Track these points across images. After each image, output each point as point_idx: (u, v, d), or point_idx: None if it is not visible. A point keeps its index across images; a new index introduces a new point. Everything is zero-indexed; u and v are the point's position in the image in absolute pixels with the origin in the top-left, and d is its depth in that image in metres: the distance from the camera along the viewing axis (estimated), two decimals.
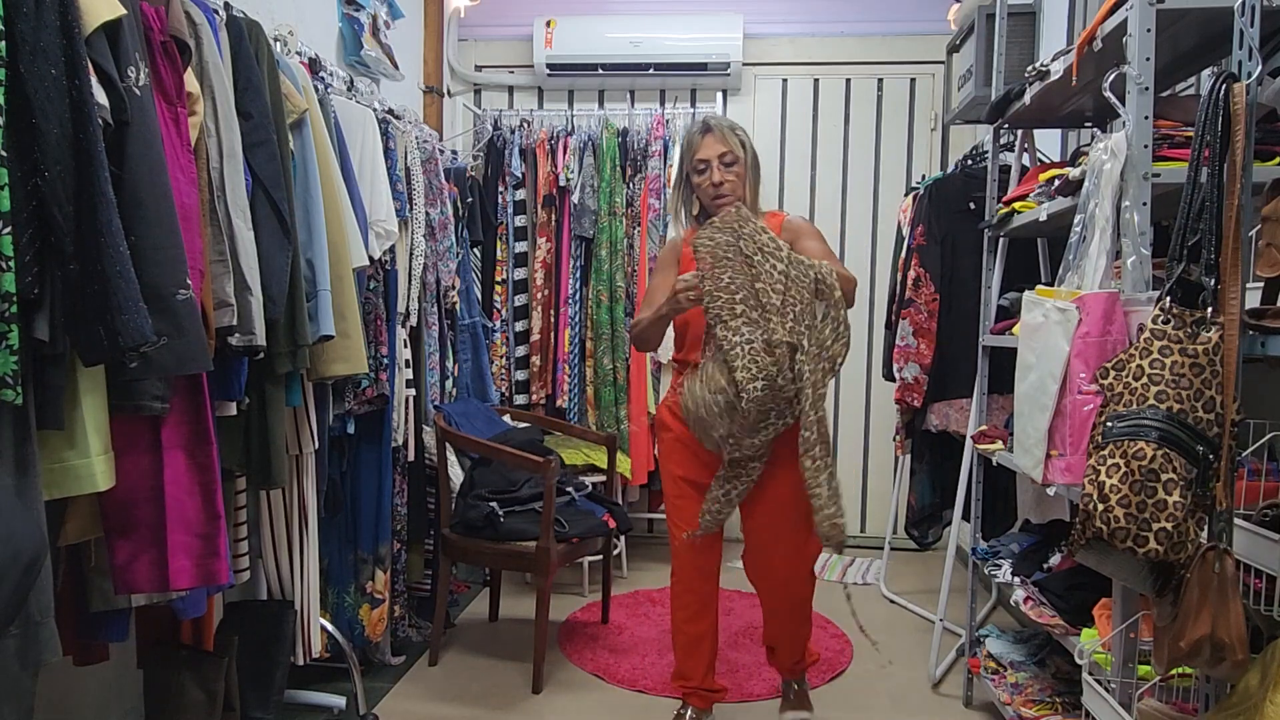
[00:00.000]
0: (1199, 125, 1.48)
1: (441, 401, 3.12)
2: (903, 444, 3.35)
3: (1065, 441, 1.74)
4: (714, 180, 2.21)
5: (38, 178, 1.27)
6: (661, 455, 2.38)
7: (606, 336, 3.97)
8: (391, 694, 2.68)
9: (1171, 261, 1.51)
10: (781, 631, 2.36)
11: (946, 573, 2.90)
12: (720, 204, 2.21)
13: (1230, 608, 1.38)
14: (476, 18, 4.34)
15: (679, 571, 2.31)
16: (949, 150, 4.28)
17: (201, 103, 1.71)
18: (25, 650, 1.34)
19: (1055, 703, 2.25)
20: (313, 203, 2.07)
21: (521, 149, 4.05)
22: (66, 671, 1.95)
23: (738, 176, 2.23)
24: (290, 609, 2.26)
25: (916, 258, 3.11)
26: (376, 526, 2.72)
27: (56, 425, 1.38)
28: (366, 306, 2.52)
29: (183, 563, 1.61)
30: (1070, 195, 1.96)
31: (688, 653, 2.33)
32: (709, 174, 2.22)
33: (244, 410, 1.93)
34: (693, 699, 2.34)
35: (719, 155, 2.21)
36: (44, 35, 1.27)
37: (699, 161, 2.24)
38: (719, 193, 2.22)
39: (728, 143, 2.22)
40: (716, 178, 2.21)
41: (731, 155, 2.22)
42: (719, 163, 2.21)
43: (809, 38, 4.34)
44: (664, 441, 2.36)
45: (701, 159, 2.23)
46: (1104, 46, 1.84)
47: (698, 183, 2.25)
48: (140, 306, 1.36)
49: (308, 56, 2.40)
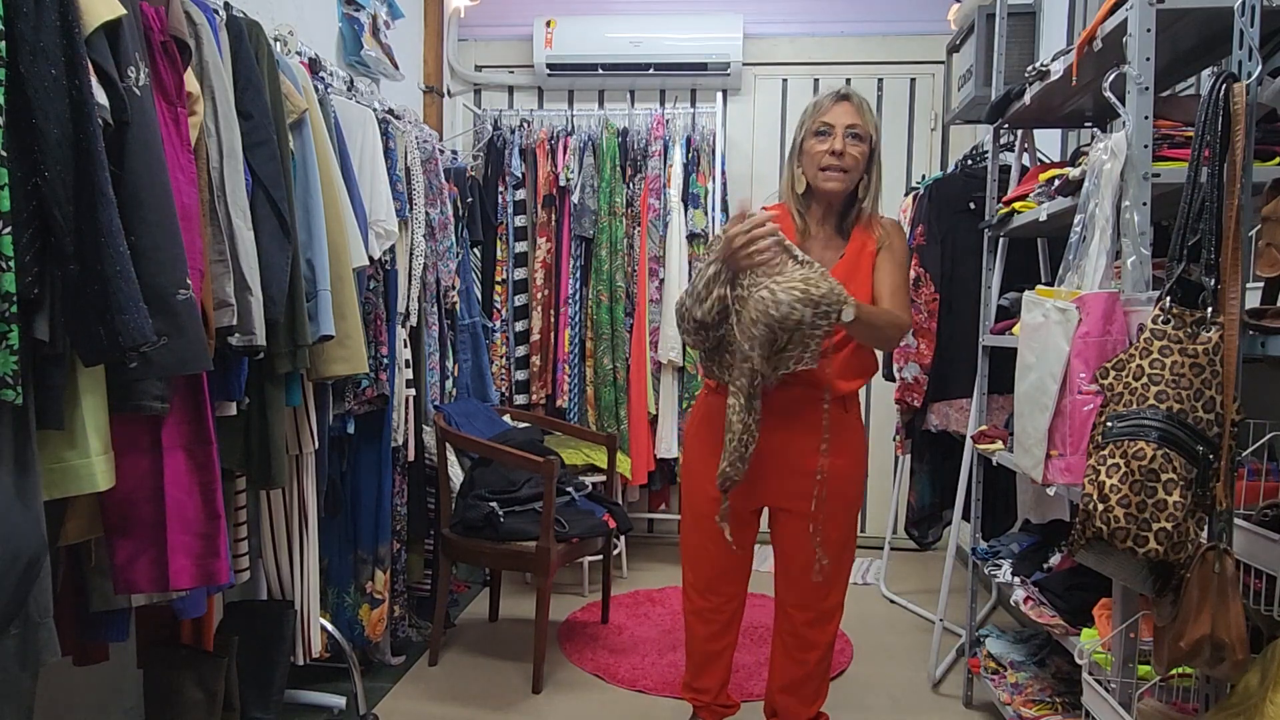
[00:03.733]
0: (1199, 125, 1.48)
1: (441, 401, 3.12)
2: (903, 444, 3.35)
3: (1065, 441, 1.73)
4: (835, 149, 1.92)
5: (38, 178, 1.27)
6: (697, 464, 2.11)
7: (606, 336, 3.97)
8: (391, 694, 2.68)
9: (1171, 261, 1.51)
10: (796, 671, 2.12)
11: (946, 573, 2.90)
12: (830, 182, 1.95)
13: (1230, 608, 1.38)
14: (476, 18, 4.34)
15: (702, 579, 2.12)
16: (949, 150, 4.28)
17: (201, 103, 1.71)
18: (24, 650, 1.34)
19: (1055, 703, 2.25)
20: (313, 203, 2.07)
21: (521, 149, 4.05)
22: (66, 671, 1.95)
23: (860, 155, 1.94)
24: (290, 609, 2.26)
25: (916, 258, 3.11)
26: (376, 526, 2.72)
27: (56, 425, 1.38)
28: (366, 306, 2.52)
29: (183, 562, 1.61)
30: (1070, 195, 1.96)
31: (704, 669, 2.19)
32: (831, 140, 1.92)
33: (244, 410, 1.93)
34: (704, 713, 2.24)
35: (848, 125, 1.93)
36: (44, 35, 1.26)
37: (822, 123, 1.94)
38: (835, 164, 1.93)
39: (862, 117, 1.94)
40: (839, 145, 1.92)
41: (863, 129, 1.94)
42: (844, 131, 1.93)
43: (809, 38, 4.34)
44: (699, 452, 2.10)
45: (826, 121, 1.94)
46: (1104, 46, 1.84)
47: (811, 148, 1.95)
48: (140, 306, 1.36)
49: (308, 56, 2.40)
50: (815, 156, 1.96)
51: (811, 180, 1.99)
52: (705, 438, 2.07)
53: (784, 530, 2.08)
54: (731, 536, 1.96)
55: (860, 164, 1.97)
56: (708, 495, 2.01)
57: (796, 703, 2.16)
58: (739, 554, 2.10)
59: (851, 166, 1.96)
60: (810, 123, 1.98)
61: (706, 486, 2.00)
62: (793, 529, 2.04)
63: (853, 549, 2.13)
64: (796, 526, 2.03)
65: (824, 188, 1.97)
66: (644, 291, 3.94)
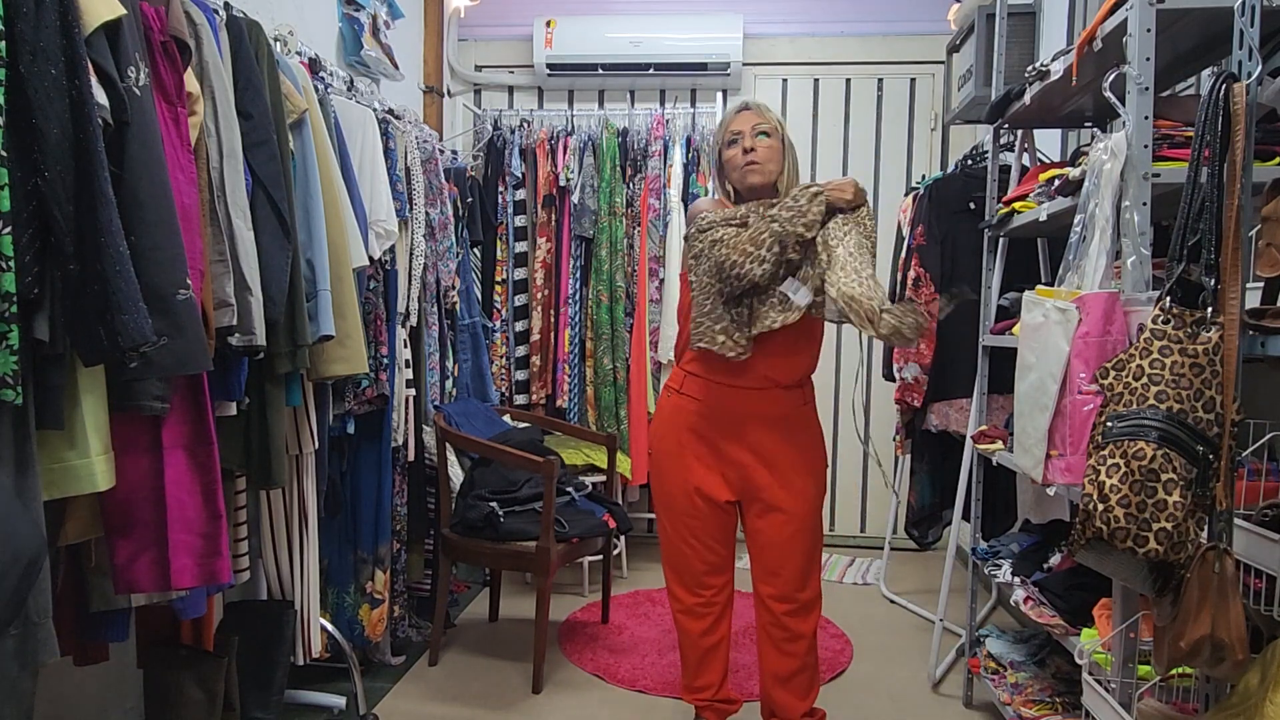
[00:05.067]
0: (1199, 125, 1.48)
1: (441, 401, 3.12)
2: (903, 444, 3.35)
3: (1065, 441, 1.73)
4: (745, 147, 2.09)
5: (38, 178, 1.27)
6: (665, 462, 2.20)
7: (606, 336, 3.97)
8: (391, 694, 2.68)
9: (1171, 261, 1.51)
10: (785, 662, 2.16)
11: (946, 573, 2.90)
12: (751, 176, 2.09)
13: (1230, 608, 1.38)
14: (476, 18, 4.34)
15: (688, 576, 2.18)
16: (949, 150, 4.27)
17: (201, 103, 1.71)
18: (24, 651, 1.34)
19: (1055, 703, 2.25)
20: (313, 203, 2.07)
21: (521, 149, 4.05)
22: (66, 671, 1.96)
23: (770, 149, 2.10)
24: (290, 609, 2.26)
25: (916, 258, 3.11)
26: (376, 526, 2.72)
27: (56, 425, 1.38)
28: (366, 306, 2.52)
29: (184, 562, 1.61)
30: (1070, 195, 1.96)
31: (702, 666, 2.22)
32: (740, 143, 2.10)
33: (244, 410, 1.93)
34: (707, 712, 2.26)
35: (752, 126, 2.10)
36: (44, 35, 1.27)
37: (731, 133, 2.12)
38: (749, 160, 2.08)
39: (763, 115, 2.12)
40: (748, 144, 2.08)
41: (767, 125, 2.10)
42: (751, 132, 2.09)
43: (809, 38, 4.34)
44: (668, 451, 2.18)
45: (734, 130, 2.12)
46: (1104, 46, 1.84)
47: (728, 157, 2.13)
48: (140, 306, 1.36)
49: (308, 56, 2.40)
50: (733, 161, 2.12)
51: (737, 184, 2.14)
52: (670, 437, 2.17)
53: (757, 523, 2.15)
54: (713, 529, 2.15)
55: (775, 155, 2.11)
56: (681, 492, 2.15)
57: (791, 696, 2.18)
58: (720, 548, 2.19)
59: (766, 159, 2.10)
60: (723, 135, 2.16)
61: (678, 484, 2.15)
62: (765, 520, 2.13)
63: (820, 540, 2.19)
64: (769, 518, 2.12)
65: (748, 183, 2.11)
66: (644, 291, 3.94)
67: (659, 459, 2.21)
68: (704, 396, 2.11)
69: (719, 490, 2.13)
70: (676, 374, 2.19)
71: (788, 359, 2.08)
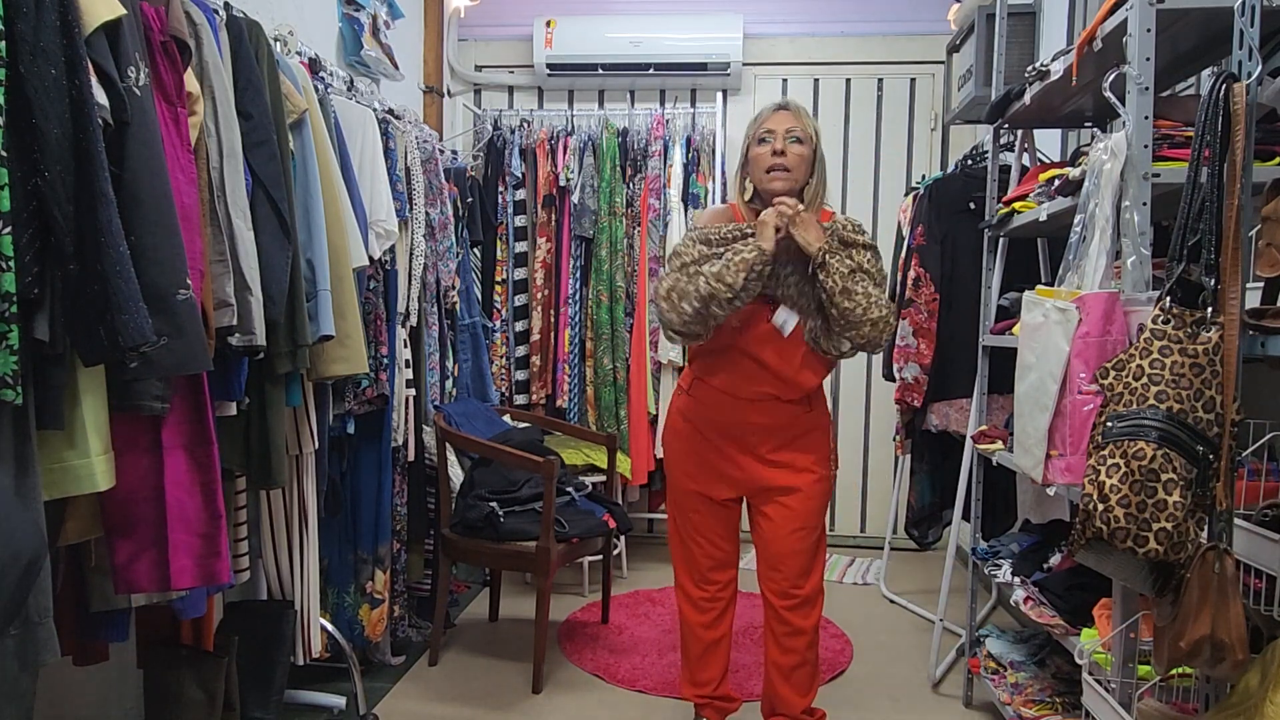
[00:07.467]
0: (1199, 125, 1.48)
1: (441, 401, 3.12)
2: (903, 444, 3.35)
3: (1065, 441, 1.74)
4: (775, 149, 2.02)
5: (38, 178, 1.27)
6: (674, 460, 2.25)
7: (606, 336, 3.97)
8: (391, 694, 2.68)
9: (1171, 261, 1.51)
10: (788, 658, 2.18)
11: (946, 573, 2.90)
12: (775, 182, 2.03)
13: (1230, 608, 1.38)
14: (476, 18, 4.34)
15: (694, 571, 2.22)
16: (949, 150, 4.27)
17: (201, 103, 1.71)
18: (24, 651, 1.34)
19: (1055, 703, 2.25)
20: (313, 203, 2.07)
21: (521, 149, 4.05)
22: (66, 671, 1.95)
23: (800, 157, 2.04)
24: (290, 609, 2.26)
25: (916, 258, 3.11)
26: (376, 526, 2.72)
27: (56, 425, 1.38)
28: (366, 306, 2.52)
29: (184, 562, 1.61)
30: (1070, 195, 1.96)
31: (703, 660, 2.25)
32: (771, 143, 2.03)
33: (244, 410, 1.93)
34: (706, 710, 2.28)
35: (786, 129, 2.04)
36: (44, 35, 1.26)
37: (764, 131, 2.05)
38: (776, 164, 2.02)
39: (799, 119, 2.05)
40: (779, 145, 2.02)
41: (802, 132, 2.04)
42: (784, 134, 2.03)
43: (809, 38, 4.34)
44: (676, 449, 2.23)
45: (768, 129, 2.05)
46: (1104, 46, 1.84)
47: (756, 155, 2.06)
48: (140, 306, 1.36)
49: (308, 56, 2.40)
50: (760, 161, 2.06)
51: (758, 185, 2.09)
52: (679, 435, 2.21)
53: (759, 519, 2.17)
54: (716, 526, 2.19)
55: (803, 164, 2.06)
56: (687, 489, 2.19)
57: (791, 691, 2.20)
58: (725, 544, 2.22)
59: (794, 165, 2.04)
60: (754, 132, 2.09)
61: (684, 482, 2.19)
62: (766, 516, 2.15)
63: (823, 538, 2.20)
64: (771, 514, 2.14)
65: (770, 188, 2.06)
66: (644, 291, 3.93)
67: (668, 456, 2.27)
68: (709, 400, 2.14)
69: (722, 489, 2.16)
70: (686, 374, 2.23)
71: (793, 379, 2.07)
